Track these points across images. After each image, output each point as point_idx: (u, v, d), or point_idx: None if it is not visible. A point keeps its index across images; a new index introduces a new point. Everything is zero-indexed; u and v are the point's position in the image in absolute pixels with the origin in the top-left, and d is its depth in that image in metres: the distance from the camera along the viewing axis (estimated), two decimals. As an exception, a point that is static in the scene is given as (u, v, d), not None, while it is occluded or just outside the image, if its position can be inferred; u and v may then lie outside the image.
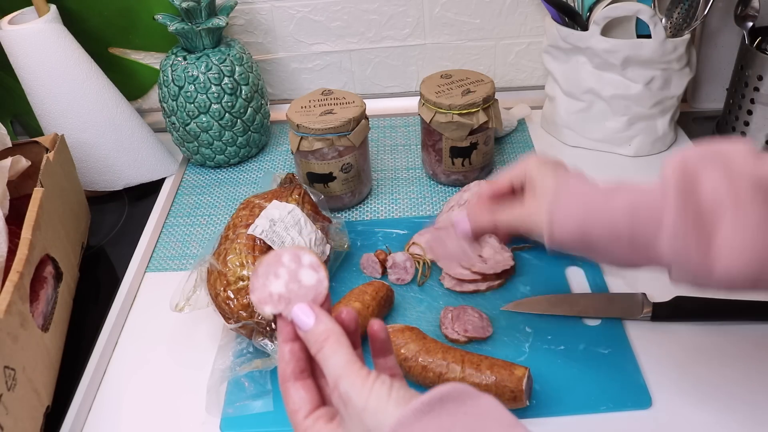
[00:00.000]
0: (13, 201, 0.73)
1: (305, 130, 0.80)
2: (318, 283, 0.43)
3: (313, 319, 0.42)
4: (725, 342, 0.66)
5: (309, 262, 0.44)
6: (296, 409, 0.42)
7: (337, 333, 0.41)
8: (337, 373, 0.39)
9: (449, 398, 0.36)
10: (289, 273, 0.43)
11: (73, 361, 0.69)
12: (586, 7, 0.87)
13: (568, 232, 0.51)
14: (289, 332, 0.43)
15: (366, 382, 0.38)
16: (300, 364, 0.43)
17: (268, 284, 0.43)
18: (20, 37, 0.83)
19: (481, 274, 0.72)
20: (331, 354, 0.40)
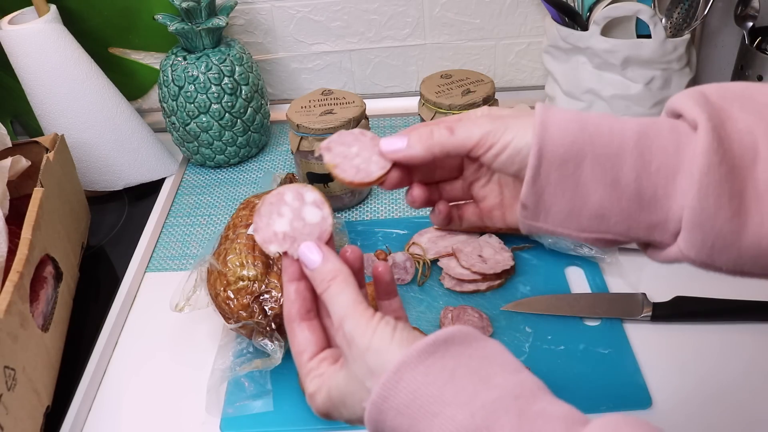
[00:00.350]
0: (13, 201, 0.73)
1: (305, 130, 0.80)
2: (322, 220, 0.43)
3: (320, 257, 0.41)
4: (725, 342, 0.66)
5: (312, 199, 0.43)
6: (301, 350, 0.41)
7: (345, 272, 0.40)
8: (342, 312, 0.39)
9: (454, 340, 0.36)
10: (293, 211, 0.43)
11: (73, 361, 0.69)
12: (586, 7, 0.87)
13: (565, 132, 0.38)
14: (294, 271, 0.42)
15: (370, 322, 0.38)
16: (306, 303, 0.42)
17: (272, 223, 0.43)
18: (20, 37, 0.83)
19: (481, 274, 0.73)
20: (337, 293, 0.39)
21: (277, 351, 0.62)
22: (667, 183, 0.37)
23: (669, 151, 0.37)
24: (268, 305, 0.64)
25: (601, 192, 0.38)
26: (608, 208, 0.39)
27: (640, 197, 0.38)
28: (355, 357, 0.38)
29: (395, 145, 0.43)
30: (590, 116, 0.39)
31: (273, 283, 0.65)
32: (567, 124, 0.38)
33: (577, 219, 0.40)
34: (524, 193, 0.40)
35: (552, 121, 0.39)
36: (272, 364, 0.63)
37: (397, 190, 0.93)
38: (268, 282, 0.65)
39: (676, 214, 0.38)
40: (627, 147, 0.38)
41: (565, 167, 0.38)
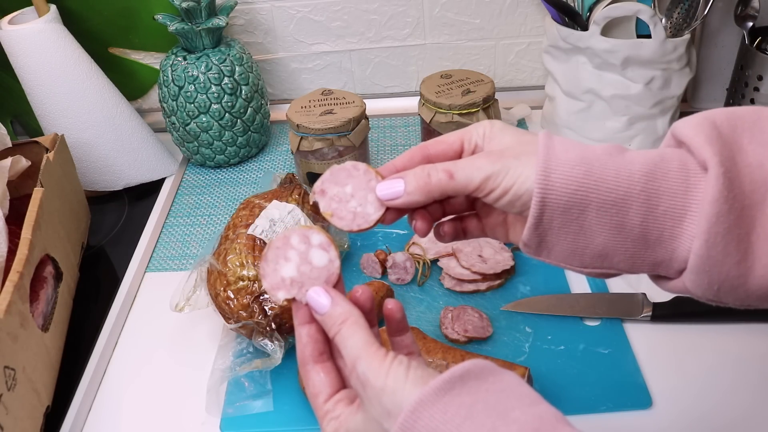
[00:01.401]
0: (13, 201, 0.73)
1: (305, 130, 0.80)
2: (329, 263, 0.42)
3: (329, 301, 0.41)
4: (725, 342, 0.66)
5: (319, 242, 0.43)
6: (316, 392, 0.41)
7: (355, 315, 0.40)
8: (354, 354, 0.38)
9: (470, 375, 0.35)
10: (300, 255, 0.42)
11: (73, 361, 0.69)
12: (586, 7, 0.87)
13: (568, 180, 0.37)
14: (304, 315, 0.42)
15: (383, 362, 0.37)
16: (318, 346, 0.42)
17: (279, 269, 0.42)
18: (20, 37, 0.83)
19: (481, 274, 0.73)
20: (349, 336, 0.39)
21: (277, 351, 0.62)
22: (674, 225, 0.37)
23: (677, 193, 0.37)
24: (268, 305, 0.64)
25: (606, 235, 0.38)
26: (612, 249, 0.38)
27: (646, 239, 0.38)
28: (370, 398, 0.37)
29: (392, 190, 0.42)
30: (595, 156, 0.38)
31: (273, 283, 0.65)
32: (571, 170, 0.37)
33: (581, 257, 0.40)
34: (526, 235, 0.40)
35: (555, 166, 0.38)
36: (272, 364, 0.63)
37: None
38: (268, 282, 0.65)
39: (681, 254, 0.37)
40: (633, 191, 0.37)
41: (568, 213, 0.38)
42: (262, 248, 0.67)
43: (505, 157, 0.40)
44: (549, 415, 0.34)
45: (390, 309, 0.44)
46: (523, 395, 0.35)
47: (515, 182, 0.39)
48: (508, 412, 0.34)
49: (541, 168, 0.38)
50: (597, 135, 0.94)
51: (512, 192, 0.39)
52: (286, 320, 0.64)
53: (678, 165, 0.37)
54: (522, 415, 0.33)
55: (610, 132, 0.93)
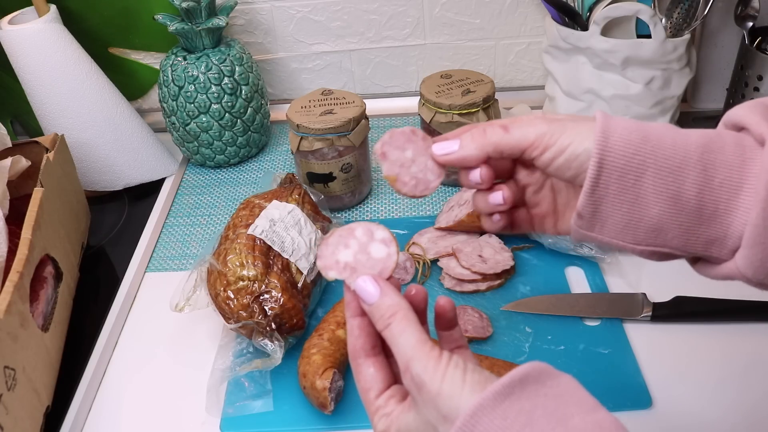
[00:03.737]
0: (13, 201, 0.73)
1: (305, 130, 0.80)
2: (387, 257, 0.42)
3: (378, 291, 0.40)
4: (725, 342, 0.66)
5: (381, 237, 0.43)
6: (368, 387, 0.41)
7: (405, 308, 0.39)
8: (407, 354, 0.37)
9: (529, 379, 0.34)
10: (360, 245, 0.43)
11: (73, 361, 0.69)
12: (586, 7, 0.87)
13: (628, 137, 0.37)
14: (356, 307, 0.41)
15: (439, 365, 0.36)
16: (370, 339, 0.41)
17: (336, 252, 0.43)
18: (20, 37, 0.83)
19: (481, 274, 0.73)
20: (399, 332, 0.38)
21: (277, 351, 0.62)
22: (730, 198, 0.36)
23: (733, 165, 0.36)
24: (268, 305, 0.64)
25: (662, 205, 0.37)
26: (667, 222, 0.38)
27: (701, 212, 0.37)
28: (425, 401, 0.36)
29: (448, 148, 0.42)
30: (652, 127, 0.38)
31: (273, 283, 0.65)
32: (629, 135, 0.37)
33: (634, 231, 0.39)
34: (581, 203, 0.39)
35: (613, 131, 0.38)
36: (272, 364, 0.63)
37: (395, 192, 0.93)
38: (268, 282, 0.65)
39: (736, 230, 0.37)
40: (690, 161, 0.37)
41: (625, 179, 0.37)
42: (262, 248, 0.67)
43: (561, 120, 0.40)
44: (608, 422, 0.33)
45: (442, 306, 0.43)
46: (582, 401, 0.34)
47: (572, 141, 0.39)
48: (568, 420, 0.33)
49: (600, 129, 0.38)
50: (597, 135, 0.94)
51: (569, 151, 0.39)
52: (286, 320, 0.64)
53: (734, 140, 0.37)
54: (581, 423, 0.33)
55: (610, 132, 0.93)
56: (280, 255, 0.68)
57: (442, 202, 0.88)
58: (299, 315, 0.65)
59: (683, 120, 0.98)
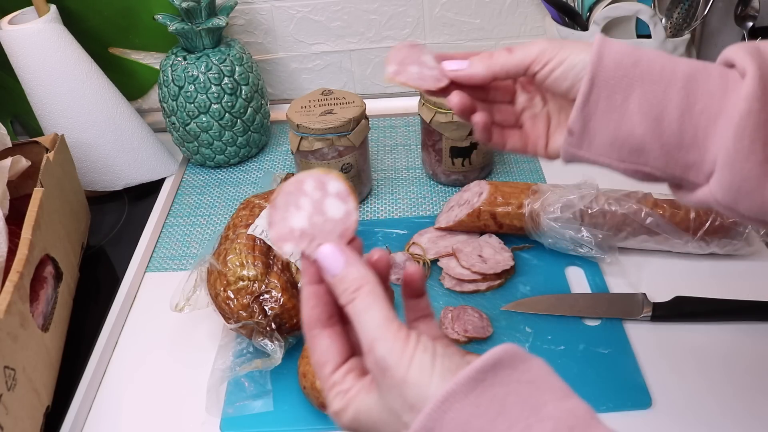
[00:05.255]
0: (13, 201, 0.73)
1: (305, 130, 0.80)
2: (346, 215, 0.37)
3: (343, 261, 0.37)
4: (725, 342, 0.66)
5: (336, 190, 0.38)
6: (323, 361, 0.38)
7: (372, 282, 0.36)
8: (372, 333, 0.35)
9: (502, 364, 0.33)
10: (313, 204, 0.37)
11: (73, 361, 0.69)
12: (586, 7, 0.87)
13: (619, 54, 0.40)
14: (313, 274, 0.38)
15: (406, 348, 0.34)
16: (327, 308, 0.38)
17: (288, 217, 0.37)
18: (20, 37, 0.83)
19: (481, 273, 0.73)
20: (364, 308, 0.35)
21: (277, 351, 0.62)
22: (708, 125, 0.39)
23: (715, 95, 0.39)
24: (268, 305, 0.64)
25: (645, 126, 0.40)
26: (649, 143, 0.40)
27: (681, 136, 0.39)
28: (390, 387, 0.34)
29: (458, 65, 0.45)
30: (645, 52, 0.41)
31: (273, 283, 0.65)
32: (621, 57, 0.40)
33: (619, 150, 0.41)
34: (572, 118, 0.42)
35: (607, 53, 0.41)
36: (272, 364, 0.63)
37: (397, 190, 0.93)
38: (268, 282, 0.65)
39: (712, 155, 0.39)
40: (675, 86, 0.39)
41: (613, 97, 0.40)
42: (262, 248, 0.67)
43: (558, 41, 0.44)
44: (582, 410, 0.33)
45: (410, 273, 0.40)
46: (555, 387, 0.33)
47: (569, 55, 0.42)
48: (541, 407, 0.32)
49: (596, 50, 0.41)
50: (597, 135, 0.94)
51: (566, 62, 0.42)
52: (286, 320, 0.64)
53: (719, 72, 0.40)
54: (555, 410, 0.32)
55: (610, 132, 0.93)
56: (280, 255, 0.68)
57: (442, 202, 0.88)
58: (299, 315, 0.65)
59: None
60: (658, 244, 0.74)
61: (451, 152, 0.86)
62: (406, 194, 0.90)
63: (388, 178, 0.94)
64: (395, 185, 0.92)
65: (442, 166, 0.88)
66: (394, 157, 0.98)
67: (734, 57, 0.40)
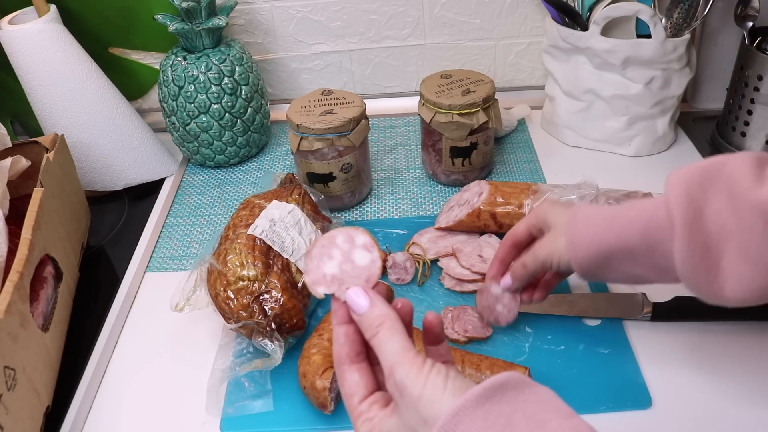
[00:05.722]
0: (13, 201, 0.73)
1: (305, 130, 0.80)
2: (371, 263, 0.43)
3: (367, 302, 0.42)
4: (725, 342, 0.66)
5: (362, 243, 0.44)
6: (351, 393, 0.42)
7: (392, 318, 0.41)
8: (392, 360, 0.39)
9: (508, 386, 0.36)
10: (343, 254, 0.43)
11: (73, 361, 0.69)
12: (586, 7, 0.87)
13: (588, 251, 0.54)
14: (343, 314, 0.43)
15: (421, 370, 0.38)
16: (355, 346, 0.43)
17: (321, 265, 0.43)
18: (20, 37, 0.83)
19: (481, 274, 0.72)
20: (386, 340, 0.40)
21: (277, 351, 0.62)
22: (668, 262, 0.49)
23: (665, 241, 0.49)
24: (268, 305, 0.64)
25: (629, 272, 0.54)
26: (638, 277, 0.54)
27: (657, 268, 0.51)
28: (407, 405, 0.38)
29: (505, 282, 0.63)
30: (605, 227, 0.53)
31: (273, 283, 0.65)
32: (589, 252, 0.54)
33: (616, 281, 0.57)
34: None
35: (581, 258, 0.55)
36: (272, 364, 0.63)
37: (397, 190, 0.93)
38: (268, 282, 0.65)
39: None
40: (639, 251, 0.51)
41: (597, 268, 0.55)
42: (262, 248, 0.67)
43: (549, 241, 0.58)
44: (584, 427, 0.35)
45: (429, 321, 0.45)
46: (559, 408, 0.36)
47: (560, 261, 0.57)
48: (545, 423, 0.34)
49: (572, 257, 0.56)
50: (597, 135, 0.94)
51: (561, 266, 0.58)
52: (286, 320, 0.64)
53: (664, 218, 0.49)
54: (558, 427, 0.34)
55: (610, 132, 0.93)
56: (280, 255, 0.68)
57: (442, 202, 0.88)
58: (299, 315, 0.65)
59: (683, 120, 0.98)
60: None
61: (451, 152, 0.86)
62: (406, 194, 0.90)
63: (388, 178, 0.94)
64: (395, 185, 0.92)
65: (442, 166, 0.88)
66: (394, 157, 0.98)
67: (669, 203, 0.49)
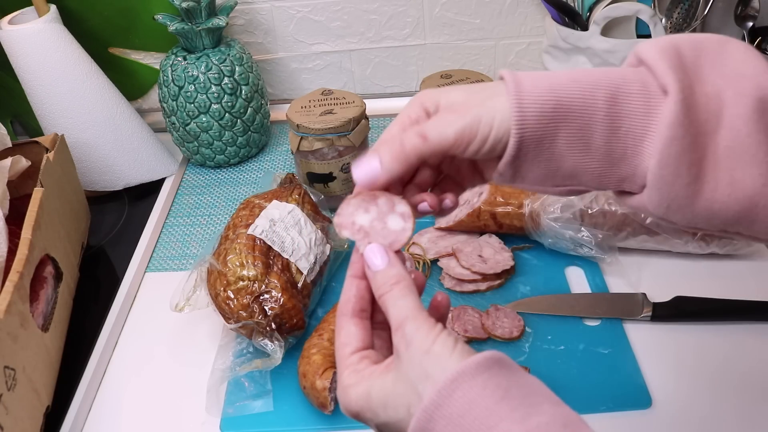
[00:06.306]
0: (13, 201, 0.73)
1: (305, 130, 0.80)
2: (402, 231, 0.42)
3: (386, 262, 0.40)
4: (725, 342, 0.66)
5: (401, 211, 0.43)
6: (346, 342, 0.41)
7: (408, 279, 0.40)
8: (404, 314, 0.38)
9: (504, 364, 0.36)
10: (379, 212, 0.43)
11: (73, 361, 0.69)
12: (586, 7, 0.87)
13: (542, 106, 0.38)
14: (358, 269, 0.42)
15: (433, 328, 0.37)
16: (362, 303, 0.42)
17: (354, 213, 0.43)
18: (20, 37, 0.83)
19: (481, 274, 0.73)
20: (401, 296, 0.39)
21: (277, 351, 0.63)
22: (636, 144, 0.38)
23: (638, 114, 0.38)
24: (268, 305, 0.64)
25: (575, 157, 0.40)
26: (581, 169, 0.40)
27: (611, 157, 0.39)
28: (412, 358, 0.37)
29: (368, 168, 0.41)
30: (561, 87, 0.39)
31: (273, 283, 0.65)
32: (542, 105, 0.38)
33: (552, 179, 0.41)
34: (501, 169, 0.40)
35: (527, 105, 0.38)
36: (272, 364, 0.63)
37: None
38: (268, 282, 0.65)
39: (643, 171, 0.39)
40: (598, 116, 0.38)
41: (541, 145, 0.39)
42: (262, 248, 0.67)
43: (470, 107, 0.39)
44: (573, 415, 0.35)
45: (439, 301, 0.44)
46: (549, 395, 0.36)
47: (492, 125, 0.39)
48: (538, 405, 0.35)
49: (515, 105, 0.38)
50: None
51: (492, 137, 0.39)
52: (286, 320, 0.64)
53: (639, 87, 0.38)
54: (551, 409, 0.35)
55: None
56: (280, 255, 0.68)
57: (442, 202, 0.88)
58: (299, 315, 0.65)
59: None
60: (658, 244, 0.74)
61: (451, 152, 0.86)
62: (406, 194, 0.90)
63: (388, 178, 0.94)
64: (395, 185, 0.92)
65: (442, 166, 0.88)
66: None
67: (654, 65, 0.38)
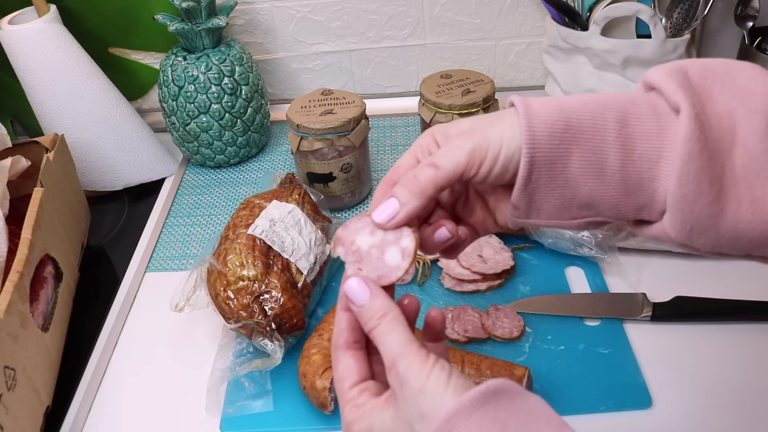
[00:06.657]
0: (13, 201, 0.73)
1: (305, 130, 0.80)
2: (395, 267, 0.40)
3: (367, 295, 0.39)
4: (725, 342, 0.66)
5: (404, 246, 0.40)
6: (343, 377, 0.41)
7: (395, 311, 0.39)
8: (395, 351, 0.37)
9: (503, 393, 0.35)
10: (383, 241, 0.41)
11: (73, 361, 0.69)
12: (586, 7, 0.87)
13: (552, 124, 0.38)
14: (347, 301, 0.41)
15: (425, 364, 0.37)
16: (355, 334, 0.41)
17: (359, 231, 0.41)
18: (20, 37, 0.83)
19: (481, 274, 0.73)
20: (389, 331, 0.38)
21: (277, 351, 0.63)
22: (651, 167, 0.38)
23: (651, 135, 0.38)
24: (268, 305, 0.64)
25: (590, 184, 0.39)
26: (597, 197, 0.39)
27: (627, 183, 0.38)
28: (407, 398, 0.36)
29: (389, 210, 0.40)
30: (571, 108, 0.38)
31: (273, 283, 0.65)
32: (552, 125, 0.38)
33: (568, 210, 0.40)
34: (516, 198, 0.39)
35: (537, 125, 0.38)
36: (272, 364, 0.63)
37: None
38: (268, 282, 0.65)
39: (661, 195, 0.38)
40: (609, 137, 0.38)
41: (554, 167, 0.38)
42: (262, 248, 0.67)
43: (477, 131, 0.39)
44: None
45: (433, 317, 0.43)
46: (550, 419, 0.35)
47: (501, 147, 0.38)
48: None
49: (525, 125, 0.38)
50: (597, 135, 0.94)
51: (502, 156, 0.38)
52: (286, 320, 0.64)
53: (649, 108, 0.38)
54: None
55: (610, 132, 0.93)
56: (280, 255, 0.68)
57: (442, 202, 0.88)
58: (299, 315, 0.65)
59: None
60: (658, 243, 0.74)
61: (451, 152, 0.86)
62: (406, 194, 0.90)
63: (388, 178, 0.94)
64: (395, 185, 0.92)
65: (442, 166, 0.88)
66: (394, 157, 0.98)
67: (661, 86, 0.38)
